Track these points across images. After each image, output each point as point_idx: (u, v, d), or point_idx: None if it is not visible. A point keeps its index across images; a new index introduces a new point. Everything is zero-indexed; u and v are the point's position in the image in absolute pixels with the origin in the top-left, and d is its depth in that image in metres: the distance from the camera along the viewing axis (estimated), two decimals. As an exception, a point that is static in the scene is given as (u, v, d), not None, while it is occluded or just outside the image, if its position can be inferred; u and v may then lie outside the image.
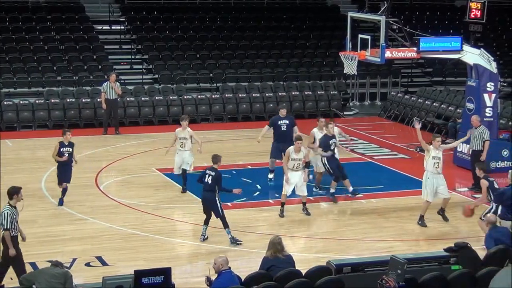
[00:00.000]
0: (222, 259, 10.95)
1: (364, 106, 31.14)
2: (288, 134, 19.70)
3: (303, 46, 32.52)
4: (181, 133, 18.79)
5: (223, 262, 10.91)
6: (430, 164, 16.85)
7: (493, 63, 21.16)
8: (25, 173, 20.36)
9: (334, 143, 18.42)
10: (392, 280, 10.40)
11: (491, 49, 28.55)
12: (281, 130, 19.84)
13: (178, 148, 18.84)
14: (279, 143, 19.65)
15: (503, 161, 21.23)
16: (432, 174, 16.85)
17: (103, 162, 21.68)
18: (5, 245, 12.41)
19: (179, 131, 18.83)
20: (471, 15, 22.62)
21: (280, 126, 19.86)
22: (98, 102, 25.87)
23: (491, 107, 21.09)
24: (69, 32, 30.66)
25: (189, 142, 18.85)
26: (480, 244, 14.17)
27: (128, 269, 12.32)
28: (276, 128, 19.93)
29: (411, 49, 20.39)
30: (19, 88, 27.74)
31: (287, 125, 19.89)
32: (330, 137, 18.43)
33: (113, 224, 16.58)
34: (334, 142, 18.42)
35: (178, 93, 28.22)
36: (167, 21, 32.48)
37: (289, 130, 19.81)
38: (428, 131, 26.11)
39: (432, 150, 16.92)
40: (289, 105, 28.29)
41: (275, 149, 19.77)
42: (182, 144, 18.77)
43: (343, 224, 17.30)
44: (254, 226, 16.32)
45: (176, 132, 18.90)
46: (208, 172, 15.47)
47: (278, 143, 19.69)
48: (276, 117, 20.11)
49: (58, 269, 10.86)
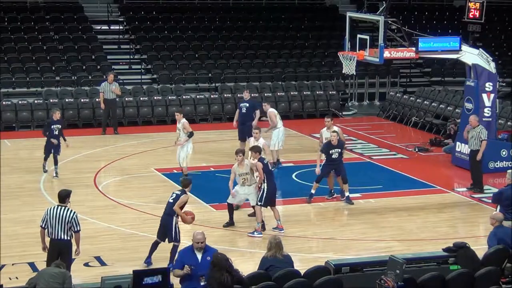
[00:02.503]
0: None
1: (363, 106, 31.14)
2: (247, 117, 21.32)
3: (301, 46, 32.52)
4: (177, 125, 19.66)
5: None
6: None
7: (492, 63, 21.17)
8: (24, 173, 20.36)
9: (338, 152, 17.90)
10: (391, 280, 10.40)
11: (490, 49, 28.52)
12: (241, 112, 21.53)
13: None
14: (240, 125, 21.51)
15: (502, 161, 21.23)
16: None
17: (102, 162, 21.68)
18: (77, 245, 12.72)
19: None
20: (469, 15, 22.65)
21: (241, 108, 21.47)
22: (97, 102, 25.87)
23: (490, 107, 21.09)
24: (68, 32, 30.66)
25: (183, 134, 19.37)
26: (478, 244, 14.18)
27: (127, 269, 12.34)
28: (238, 110, 21.74)
29: (409, 49, 20.39)
30: (17, 88, 27.74)
31: (247, 108, 21.45)
32: (332, 146, 17.88)
33: (111, 224, 16.59)
34: (338, 152, 17.89)
35: (177, 93, 28.22)
36: (165, 21, 32.48)
37: (249, 113, 21.34)
38: (427, 131, 26.18)
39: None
40: (288, 105, 28.35)
41: (238, 131, 21.60)
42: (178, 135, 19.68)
43: (342, 224, 17.30)
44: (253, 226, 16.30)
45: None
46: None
47: (239, 125, 21.52)
48: (241, 100, 21.87)
49: (58, 269, 10.87)
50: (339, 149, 17.96)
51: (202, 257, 11.19)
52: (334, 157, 17.89)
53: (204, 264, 10.98)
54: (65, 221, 12.51)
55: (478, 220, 17.43)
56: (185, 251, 11.47)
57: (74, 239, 12.69)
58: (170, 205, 14.19)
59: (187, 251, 11.41)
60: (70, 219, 12.51)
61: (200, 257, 11.20)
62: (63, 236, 12.56)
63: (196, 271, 11.00)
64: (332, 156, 17.88)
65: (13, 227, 16.16)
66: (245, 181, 16.29)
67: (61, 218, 12.50)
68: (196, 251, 11.25)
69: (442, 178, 20.75)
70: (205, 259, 11.10)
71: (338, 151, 17.92)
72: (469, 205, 18.57)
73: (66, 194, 12.78)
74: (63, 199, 12.72)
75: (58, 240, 12.56)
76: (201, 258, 11.18)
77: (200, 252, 11.23)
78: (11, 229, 16.01)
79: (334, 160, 17.91)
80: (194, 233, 11.39)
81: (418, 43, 20.32)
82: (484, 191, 19.19)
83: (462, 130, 21.15)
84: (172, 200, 14.21)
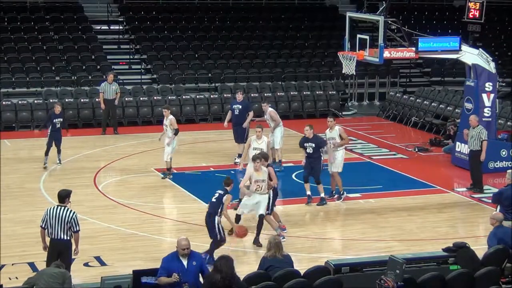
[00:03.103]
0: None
1: (363, 106, 31.15)
2: (240, 118, 21.23)
3: (301, 46, 32.52)
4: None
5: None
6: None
7: (492, 63, 21.17)
8: (24, 173, 20.37)
9: (312, 147, 17.81)
10: (391, 280, 10.41)
11: (490, 49, 28.54)
12: (234, 114, 21.39)
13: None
14: (233, 126, 21.48)
15: (502, 161, 21.23)
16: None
17: (102, 162, 21.68)
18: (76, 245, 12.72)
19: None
20: (469, 15, 22.63)
21: (234, 110, 21.32)
22: (97, 102, 25.87)
23: (490, 107, 21.09)
24: (68, 32, 30.66)
25: (169, 131, 19.73)
26: (478, 244, 14.18)
27: (127, 269, 12.33)
28: (231, 112, 21.55)
29: (409, 49, 20.38)
30: (17, 88, 27.74)
31: (240, 109, 21.31)
32: (308, 139, 17.84)
33: (111, 224, 16.58)
34: (312, 147, 17.81)
35: (177, 93, 28.22)
36: (165, 21, 32.49)
37: (242, 114, 21.25)
38: (427, 131, 26.18)
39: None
40: (287, 105, 28.33)
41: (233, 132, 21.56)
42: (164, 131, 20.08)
43: (342, 224, 17.31)
44: (252, 226, 16.30)
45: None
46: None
47: (233, 126, 21.49)
48: (233, 101, 21.63)
49: (57, 269, 10.87)
50: (313, 144, 17.77)
51: (188, 263, 10.89)
52: (309, 151, 17.82)
53: (191, 271, 10.81)
54: (65, 221, 12.51)
55: (478, 220, 17.43)
56: (169, 258, 11.00)
57: (73, 239, 12.68)
58: (213, 204, 14.35)
59: (172, 258, 10.99)
60: (69, 219, 12.51)
61: (186, 263, 10.89)
62: (63, 236, 12.56)
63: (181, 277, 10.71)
64: (307, 150, 17.86)
65: (13, 227, 16.16)
66: (259, 188, 15.49)
67: (60, 218, 12.50)
68: (181, 258, 10.92)
69: (442, 178, 20.75)
70: (191, 265, 10.88)
71: (312, 146, 17.77)
72: (469, 205, 18.57)
73: (66, 194, 12.78)
74: (63, 199, 12.73)
75: (58, 240, 12.57)
76: (187, 265, 10.88)
77: (185, 259, 10.90)
78: (11, 229, 16.00)
79: (309, 155, 17.84)
80: (179, 240, 11.06)
81: (418, 43, 20.31)
82: (484, 191, 19.19)
83: (462, 130, 21.17)
84: (215, 199, 14.36)
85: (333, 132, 18.42)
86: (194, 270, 10.85)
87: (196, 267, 10.90)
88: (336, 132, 18.45)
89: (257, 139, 17.96)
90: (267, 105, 21.35)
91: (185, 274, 10.78)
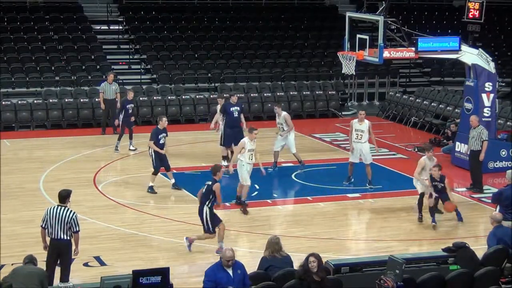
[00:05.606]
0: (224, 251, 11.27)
1: (362, 106, 31.10)
2: (238, 121, 20.89)
3: (301, 46, 32.52)
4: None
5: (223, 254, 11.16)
6: None
7: (491, 63, 21.18)
8: (23, 173, 20.37)
9: (164, 137, 18.65)
10: (390, 280, 10.41)
11: (489, 49, 28.57)
12: (233, 117, 20.83)
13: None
14: (231, 129, 20.69)
15: (502, 161, 21.23)
16: None
17: (102, 162, 21.68)
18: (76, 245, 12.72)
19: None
20: (469, 15, 22.62)
21: (232, 112, 20.86)
22: (96, 102, 25.87)
23: (489, 107, 21.10)
24: (67, 32, 30.66)
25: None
26: (478, 244, 14.19)
27: (126, 269, 12.32)
28: (228, 115, 20.81)
29: (409, 49, 20.40)
30: (17, 88, 27.74)
31: (238, 111, 20.91)
32: (160, 130, 18.68)
33: (111, 224, 16.58)
34: (164, 136, 18.65)
35: (176, 93, 28.23)
36: (165, 21, 32.49)
37: (239, 116, 20.93)
38: (426, 131, 26.18)
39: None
40: (287, 105, 28.32)
41: (227, 136, 20.73)
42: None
43: (341, 224, 17.30)
44: (252, 226, 16.32)
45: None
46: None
47: (231, 130, 20.70)
48: (228, 103, 21.06)
49: (33, 268, 10.81)
50: (165, 134, 18.71)
51: (233, 273, 11.00)
52: (162, 141, 18.56)
53: (237, 280, 10.92)
54: (65, 221, 12.51)
55: (477, 220, 17.43)
56: (214, 270, 11.08)
57: (73, 240, 12.68)
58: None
59: (217, 269, 11.07)
60: (69, 220, 12.51)
61: (232, 272, 11.00)
62: (63, 236, 12.56)
63: (228, 285, 10.89)
64: (160, 141, 18.55)
65: (13, 227, 16.15)
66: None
67: (60, 218, 12.51)
68: (226, 267, 11.04)
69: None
70: (237, 274, 10.98)
71: (164, 136, 18.67)
72: (469, 205, 18.56)
73: (66, 194, 12.77)
74: (63, 199, 12.73)
75: (58, 240, 12.57)
76: (233, 274, 10.99)
77: (229, 268, 11.02)
78: (11, 229, 16.00)
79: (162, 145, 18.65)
80: (224, 251, 11.23)
81: (418, 43, 20.33)
82: (483, 191, 19.20)
83: (461, 130, 21.16)
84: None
85: (363, 125, 19.19)
86: (240, 278, 10.97)
87: (240, 275, 11.00)
88: (365, 126, 19.19)
89: (250, 141, 17.79)
90: (280, 107, 20.93)
91: (232, 283, 10.91)
